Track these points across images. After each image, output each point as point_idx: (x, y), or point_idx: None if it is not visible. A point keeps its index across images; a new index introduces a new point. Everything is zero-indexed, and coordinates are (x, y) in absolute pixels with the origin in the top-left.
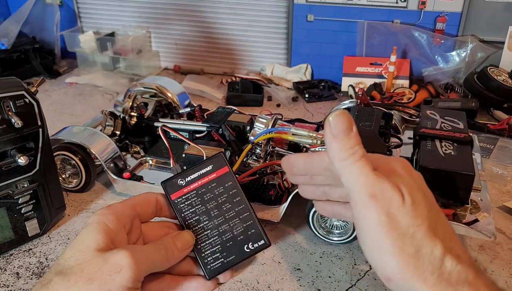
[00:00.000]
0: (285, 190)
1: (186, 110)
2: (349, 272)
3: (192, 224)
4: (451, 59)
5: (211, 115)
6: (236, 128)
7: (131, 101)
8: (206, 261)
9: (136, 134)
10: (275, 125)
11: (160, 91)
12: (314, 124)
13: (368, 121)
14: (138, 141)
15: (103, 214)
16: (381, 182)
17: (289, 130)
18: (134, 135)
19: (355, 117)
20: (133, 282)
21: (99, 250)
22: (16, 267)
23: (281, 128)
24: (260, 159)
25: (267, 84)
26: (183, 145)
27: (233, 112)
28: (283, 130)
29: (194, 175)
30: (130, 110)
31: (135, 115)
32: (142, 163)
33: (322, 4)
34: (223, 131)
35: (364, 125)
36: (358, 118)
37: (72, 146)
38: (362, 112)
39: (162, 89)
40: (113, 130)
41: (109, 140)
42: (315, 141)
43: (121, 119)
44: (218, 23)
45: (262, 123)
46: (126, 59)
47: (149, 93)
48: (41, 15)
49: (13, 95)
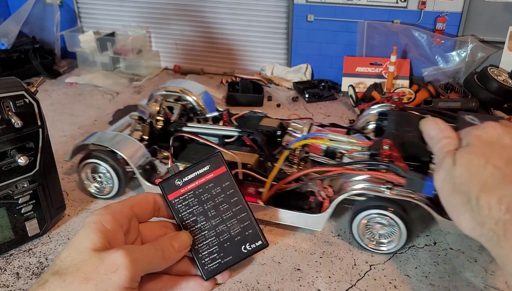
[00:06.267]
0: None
1: (213, 114)
2: (349, 272)
3: (189, 225)
4: (451, 59)
5: (241, 120)
6: (267, 133)
7: (158, 105)
8: (204, 262)
9: (164, 139)
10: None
11: (185, 94)
12: (345, 128)
13: (408, 127)
14: (166, 147)
15: (101, 214)
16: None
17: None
18: (162, 140)
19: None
20: (129, 281)
21: (95, 250)
22: (16, 267)
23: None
24: (294, 165)
25: (267, 84)
26: (211, 150)
27: (264, 117)
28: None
29: (191, 175)
30: (157, 115)
31: (162, 119)
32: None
33: (322, 4)
34: (254, 137)
35: (405, 132)
36: (397, 124)
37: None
38: (400, 117)
39: (187, 92)
40: (141, 135)
41: (140, 145)
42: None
43: (148, 124)
44: (218, 23)
45: (297, 129)
46: (126, 59)
47: (173, 97)
48: (41, 15)
49: (13, 95)
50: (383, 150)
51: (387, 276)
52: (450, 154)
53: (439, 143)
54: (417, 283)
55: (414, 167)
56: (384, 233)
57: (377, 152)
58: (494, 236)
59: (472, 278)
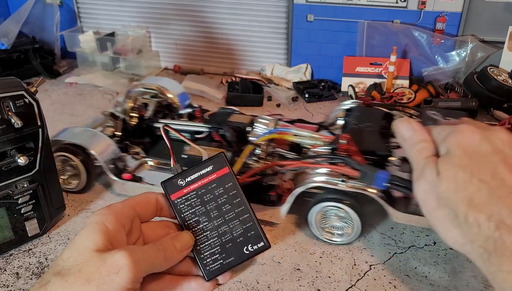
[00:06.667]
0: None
1: (187, 111)
2: (349, 272)
3: (191, 225)
4: (451, 59)
5: (212, 116)
6: (237, 129)
7: (132, 102)
8: (205, 262)
9: (137, 135)
10: (276, 126)
11: (161, 92)
12: (315, 125)
13: (369, 122)
14: (138, 142)
15: (103, 214)
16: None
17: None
18: (135, 136)
19: (357, 118)
20: (131, 282)
21: (97, 251)
22: (16, 267)
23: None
24: (261, 160)
25: (267, 84)
26: (183, 146)
27: (233, 112)
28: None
29: (194, 175)
30: (131, 111)
31: (136, 116)
32: (143, 163)
33: (322, 4)
34: (224, 132)
35: (366, 126)
36: (359, 118)
37: (73, 147)
38: (363, 113)
39: (162, 90)
40: (113, 131)
41: (110, 141)
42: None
43: (122, 120)
44: (218, 23)
45: (264, 124)
46: (126, 59)
47: (150, 94)
48: (41, 15)
49: (13, 95)
50: (341, 144)
51: (386, 276)
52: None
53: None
54: (417, 283)
55: (373, 160)
56: (339, 225)
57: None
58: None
59: (472, 278)
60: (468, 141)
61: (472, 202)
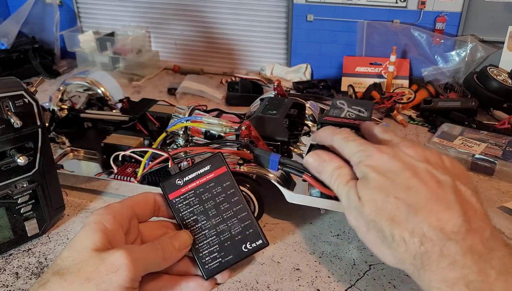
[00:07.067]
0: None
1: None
2: (348, 272)
3: (190, 224)
4: (451, 59)
5: (134, 106)
6: (160, 119)
7: (60, 94)
8: (204, 261)
9: (64, 126)
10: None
11: (93, 84)
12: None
13: (275, 110)
14: (64, 133)
15: (101, 214)
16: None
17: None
18: (62, 127)
19: (264, 107)
20: (130, 281)
21: (96, 250)
22: (15, 267)
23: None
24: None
25: (267, 84)
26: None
27: (155, 103)
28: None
29: (192, 174)
30: (60, 103)
31: (66, 108)
32: (66, 153)
33: (322, 4)
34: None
35: (270, 114)
36: (266, 108)
37: None
38: (272, 102)
39: (95, 83)
40: None
41: None
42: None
43: (51, 111)
44: (218, 23)
45: (180, 113)
46: (125, 59)
47: (83, 87)
48: (41, 15)
49: (12, 95)
50: (241, 130)
51: (386, 276)
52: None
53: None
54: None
55: (275, 146)
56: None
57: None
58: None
59: None
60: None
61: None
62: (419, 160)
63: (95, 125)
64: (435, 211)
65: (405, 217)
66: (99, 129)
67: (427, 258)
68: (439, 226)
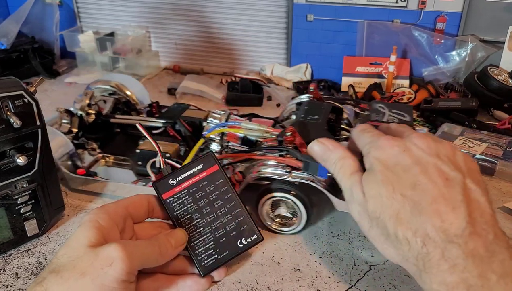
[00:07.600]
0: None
1: (145, 107)
2: (349, 272)
3: (184, 222)
4: (451, 59)
5: (166, 111)
6: (192, 124)
7: (88, 98)
8: (200, 258)
9: (93, 131)
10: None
11: (119, 89)
12: (270, 119)
13: (316, 115)
14: (94, 139)
15: (96, 213)
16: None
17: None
18: (92, 133)
19: (303, 111)
20: (125, 274)
21: (91, 246)
22: (15, 267)
23: (232, 122)
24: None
25: (267, 84)
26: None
27: (188, 108)
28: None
29: (184, 174)
30: (88, 107)
31: (93, 113)
32: (98, 159)
33: (322, 4)
34: (179, 127)
35: (312, 119)
36: (307, 112)
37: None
38: (311, 106)
39: (120, 87)
40: (69, 128)
41: (64, 137)
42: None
43: (78, 117)
44: (218, 23)
45: (215, 118)
46: (125, 59)
47: (108, 91)
48: (41, 15)
49: (12, 95)
50: (286, 136)
51: (386, 276)
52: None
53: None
54: (417, 283)
55: None
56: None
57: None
58: (417, 271)
59: None
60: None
61: (399, 218)
62: (429, 154)
63: (124, 131)
64: (440, 211)
65: (409, 216)
66: (129, 134)
67: (429, 260)
68: (443, 227)
